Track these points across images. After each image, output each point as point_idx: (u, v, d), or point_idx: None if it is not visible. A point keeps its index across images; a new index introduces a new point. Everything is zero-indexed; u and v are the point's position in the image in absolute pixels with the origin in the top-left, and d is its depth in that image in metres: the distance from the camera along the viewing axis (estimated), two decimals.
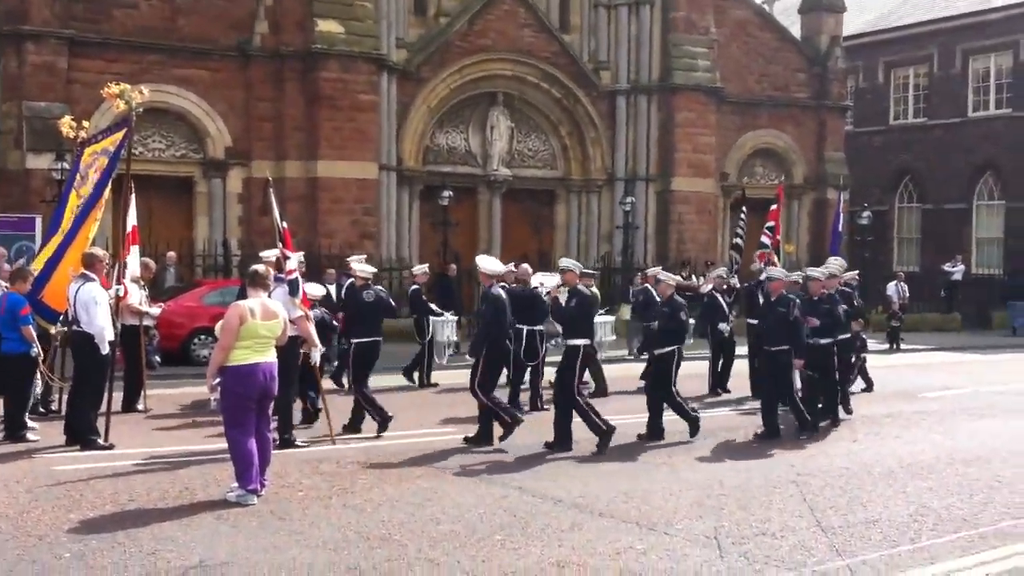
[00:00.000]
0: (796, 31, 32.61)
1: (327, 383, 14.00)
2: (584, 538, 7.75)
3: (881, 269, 30.78)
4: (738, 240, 18.12)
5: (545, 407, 13.64)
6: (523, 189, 28.27)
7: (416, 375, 16.57)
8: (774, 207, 17.60)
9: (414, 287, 16.78)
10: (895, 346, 24.15)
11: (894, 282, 25.55)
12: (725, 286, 16.12)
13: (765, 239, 16.83)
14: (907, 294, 25.69)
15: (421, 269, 17.35)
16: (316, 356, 11.30)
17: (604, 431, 11.17)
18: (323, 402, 11.82)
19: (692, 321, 15.02)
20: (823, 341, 13.03)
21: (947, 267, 31.44)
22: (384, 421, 11.73)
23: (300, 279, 11.25)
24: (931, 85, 35.75)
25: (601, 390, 15.29)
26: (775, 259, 16.27)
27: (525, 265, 14.94)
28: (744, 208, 18.93)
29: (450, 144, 27.49)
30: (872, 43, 36.93)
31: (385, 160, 25.41)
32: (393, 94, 25.60)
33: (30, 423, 11.60)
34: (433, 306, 17.12)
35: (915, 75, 36.43)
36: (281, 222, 11.56)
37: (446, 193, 25.04)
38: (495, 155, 27.52)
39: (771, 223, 16.98)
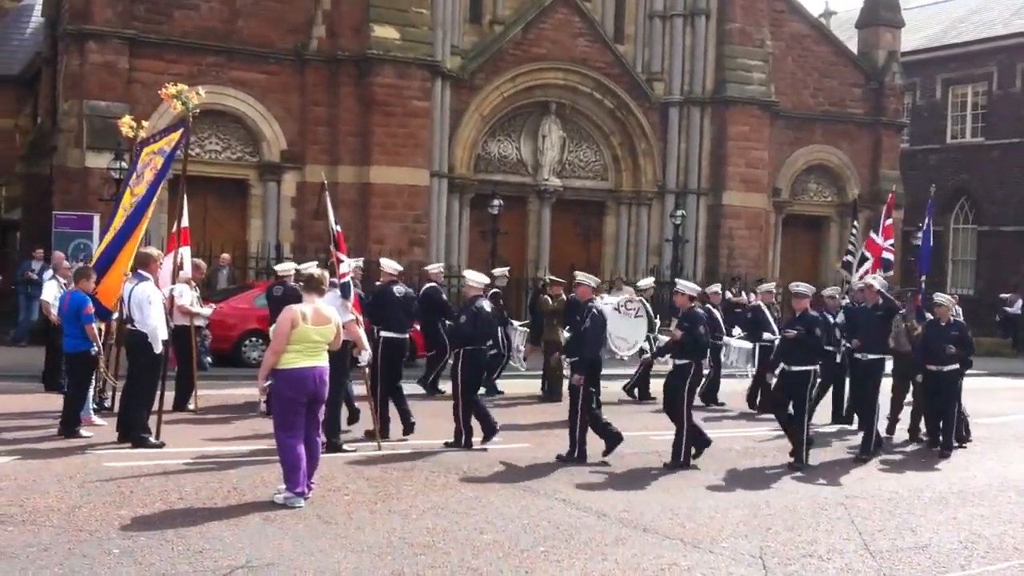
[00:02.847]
0: (853, 46, 32.24)
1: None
2: (628, 553, 7.72)
3: (935, 291, 30.17)
4: (849, 257, 17.08)
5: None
6: (573, 200, 28.21)
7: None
8: (889, 221, 16.57)
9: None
10: None
11: None
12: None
13: (888, 255, 15.99)
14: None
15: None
16: (365, 359, 11.32)
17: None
18: (372, 405, 11.82)
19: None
20: (947, 368, 12.85)
21: (1006, 301, 30.90)
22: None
23: (352, 283, 11.32)
24: (990, 104, 35.16)
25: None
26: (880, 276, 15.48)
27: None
28: (856, 222, 17.99)
29: (501, 153, 27.51)
30: (930, 60, 36.40)
31: (437, 167, 25.48)
32: (446, 101, 25.68)
33: (96, 420, 11.79)
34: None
35: (973, 93, 35.83)
36: (335, 225, 11.60)
37: (496, 202, 25.03)
38: (546, 165, 27.49)
39: (891, 240, 16.15)
